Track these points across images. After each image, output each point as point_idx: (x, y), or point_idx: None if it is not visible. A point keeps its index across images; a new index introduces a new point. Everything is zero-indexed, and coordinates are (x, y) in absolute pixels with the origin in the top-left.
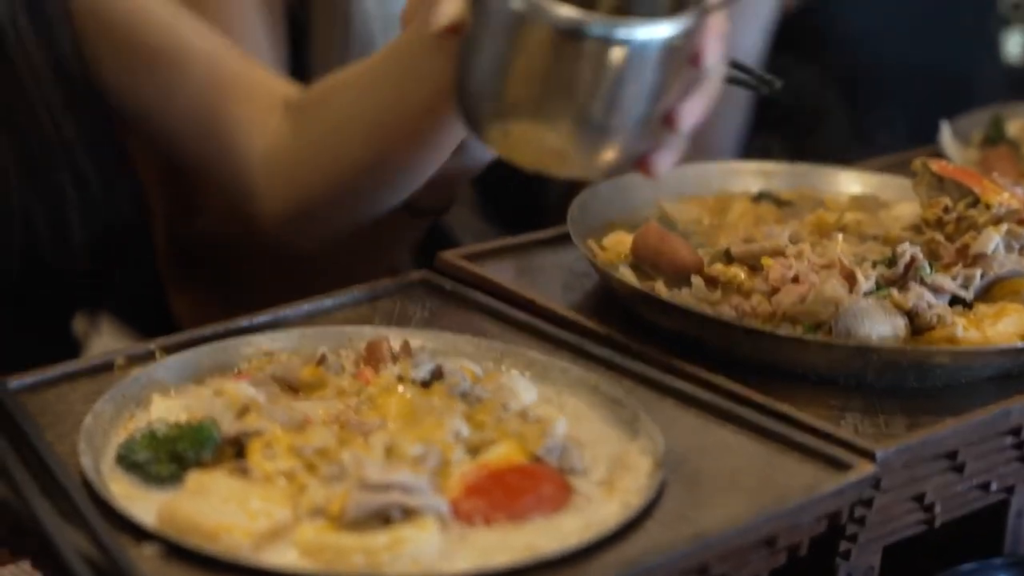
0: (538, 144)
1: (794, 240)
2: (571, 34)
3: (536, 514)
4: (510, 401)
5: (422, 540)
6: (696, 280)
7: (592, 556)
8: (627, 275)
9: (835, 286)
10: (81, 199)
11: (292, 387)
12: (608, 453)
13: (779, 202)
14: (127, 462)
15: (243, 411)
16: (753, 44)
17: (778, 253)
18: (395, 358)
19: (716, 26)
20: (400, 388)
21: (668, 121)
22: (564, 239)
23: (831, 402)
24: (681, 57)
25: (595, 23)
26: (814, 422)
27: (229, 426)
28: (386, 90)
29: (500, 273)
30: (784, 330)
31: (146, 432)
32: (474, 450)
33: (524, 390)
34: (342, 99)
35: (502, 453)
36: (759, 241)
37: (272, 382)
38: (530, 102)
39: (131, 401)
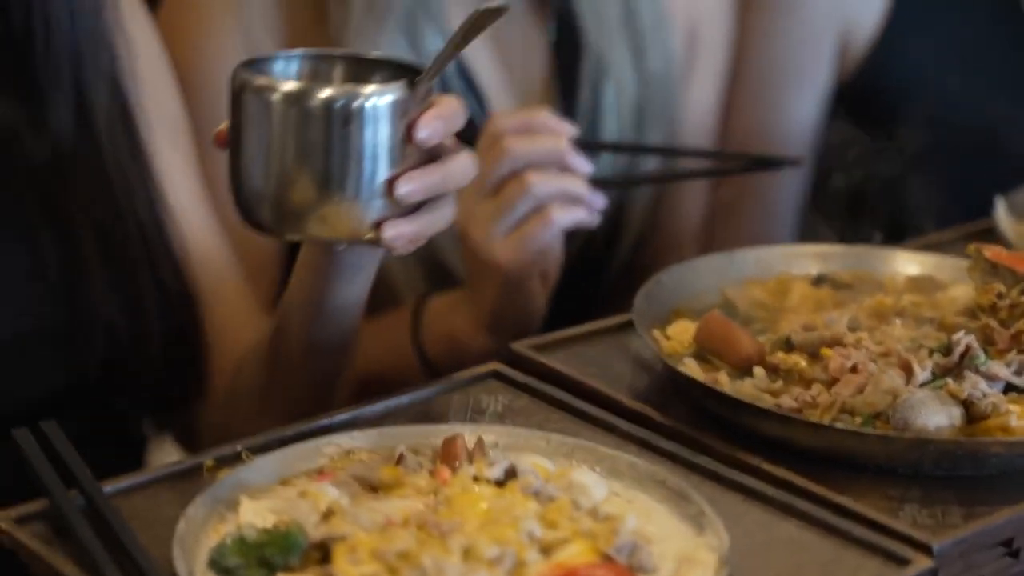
0: (301, 213)
1: (853, 327)
2: (287, 106)
3: None
4: (581, 498)
5: None
6: (758, 371)
7: None
8: (691, 366)
9: (892, 377)
10: (160, 305)
11: (372, 486)
12: (675, 549)
13: (837, 285)
14: (219, 567)
15: (327, 514)
16: (808, 113)
17: (837, 342)
18: (470, 456)
19: (440, 106)
20: (476, 488)
21: (389, 190)
22: (630, 327)
23: (890, 492)
24: (392, 126)
25: (308, 93)
26: (874, 515)
27: (314, 529)
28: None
29: (569, 362)
30: (843, 422)
31: (236, 537)
32: (547, 549)
33: (594, 486)
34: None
35: (574, 552)
36: (819, 328)
37: (353, 482)
38: (279, 180)
39: (221, 504)
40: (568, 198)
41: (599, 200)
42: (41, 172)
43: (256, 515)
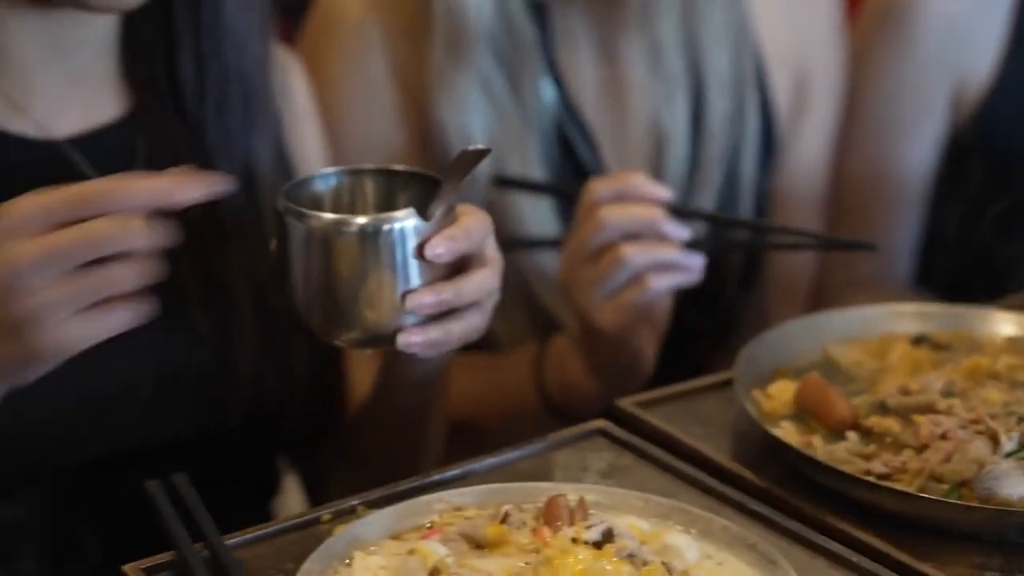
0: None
1: (947, 391)
2: (311, 232)
3: None
4: (674, 561)
5: None
6: (851, 435)
7: None
8: (787, 429)
9: (979, 446)
10: (309, 359)
11: (477, 543)
12: None
13: (936, 345)
14: None
15: (433, 572)
16: (921, 160)
17: (930, 408)
18: (571, 516)
19: (455, 226)
20: (574, 549)
21: (404, 303)
22: (731, 385)
23: (973, 559)
24: (400, 249)
25: (326, 220)
26: None
27: None
28: None
29: (672, 420)
30: (930, 489)
31: None
32: None
33: (687, 548)
34: None
35: None
36: (914, 391)
37: (460, 539)
38: (315, 295)
39: (335, 559)
40: (664, 265)
41: (696, 261)
42: (200, 227)
43: (368, 571)
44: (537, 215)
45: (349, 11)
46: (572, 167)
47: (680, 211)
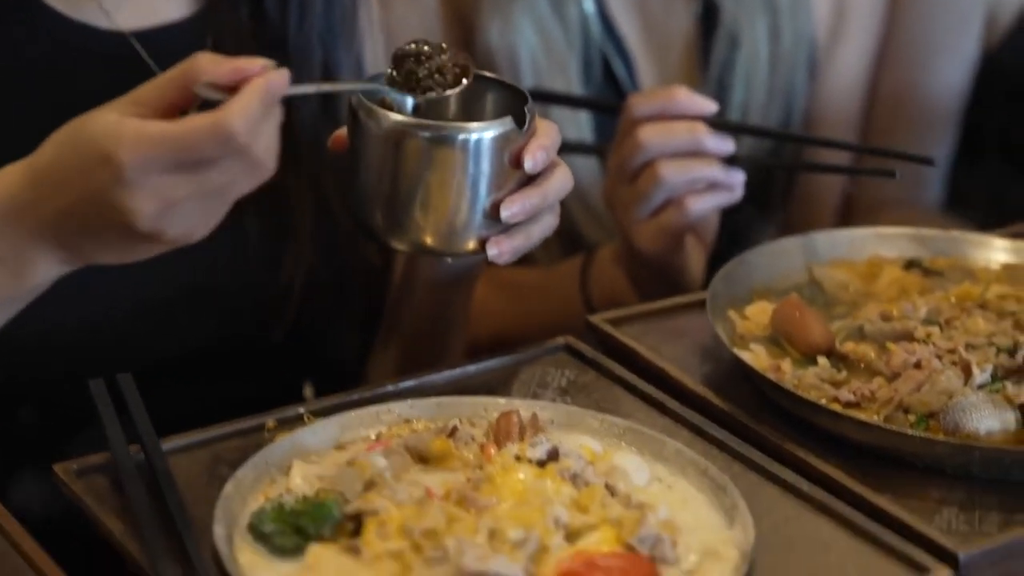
0: (410, 230)
1: (929, 319)
2: (400, 138)
3: None
4: (619, 483)
5: None
6: (822, 361)
7: None
8: (757, 352)
9: (950, 377)
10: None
11: (422, 457)
12: (703, 541)
13: (928, 271)
14: (256, 532)
15: (369, 485)
16: (955, 80)
17: (907, 336)
18: (521, 433)
19: (541, 134)
20: (517, 467)
21: (495, 212)
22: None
23: (933, 493)
24: (497, 159)
25: (420, 127)
26: (907, 518)
27: (354, 498)
28: None
29: (644, 338)
30: (897, 419)
31: (275, 504)
32: (574, 535)
33: (636, 471)
34: None
35: (598, 540)
36: (896, 317)
37: (404, 452)
38: (391, 199)
39: (273, 467)
40: (704, 184)
41: (738, 177)
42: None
43: (305, 480)
44: (576, 131)
45: None
46: (612, 86)
47: (725, 125)
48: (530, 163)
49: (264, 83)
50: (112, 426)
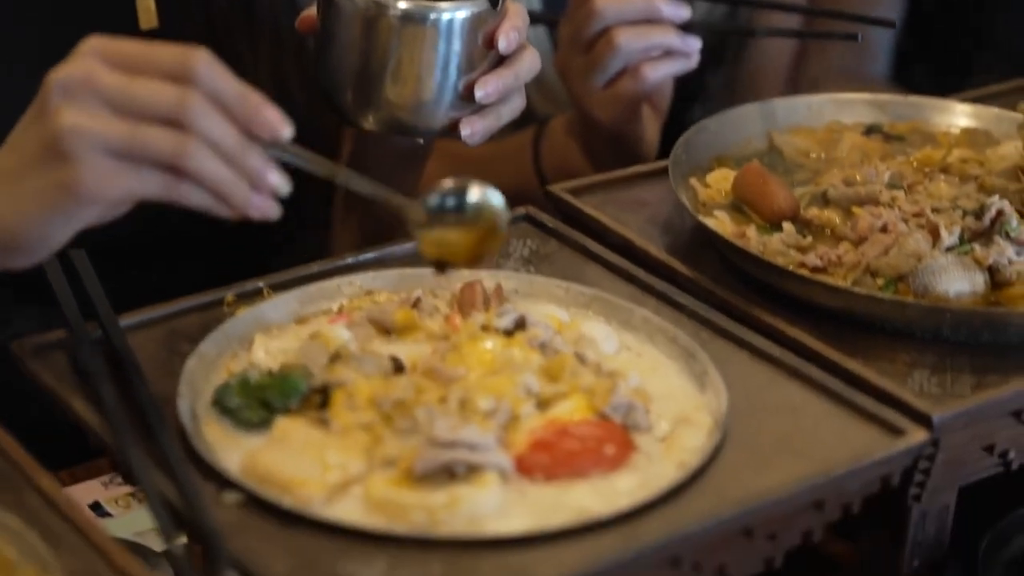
0: (382, 108)
1: (894, 182)
2: (374, 17)
3: (596, 472)
4: (587, 352)
5: (479, 499)
6: (787, 227)
7: (641, 518)
8: (722, 218)
9: (918, 240)
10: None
11: (386, 329)
12: (675, 408)
13: (889, 136)
14: (221, 406)
15: (334, 357)
16: None
17: (872, 200)
18: (486, 302)
19: (513, 15)
20: (484, 337)
21: (467, 92)
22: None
23: (903, 356)
24: (470, 39)
25: (394, 7)
26: (879, 381)
27: (319, 371)
28: None
29: (605, 207)
30: (865, 283)
31: (240, 378)
32: (545, 404)
33: (605, 339)
34: None
35: (570, 408)
36: (860, 182)
37: (368, 324)
38: (365, 78)
39: (235, 341)
40: (660, 51)
41: (693, 44)
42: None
43: (267, 354)
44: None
45: None
46: None
47: None
48: (504, 43)
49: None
50: (68, 302)
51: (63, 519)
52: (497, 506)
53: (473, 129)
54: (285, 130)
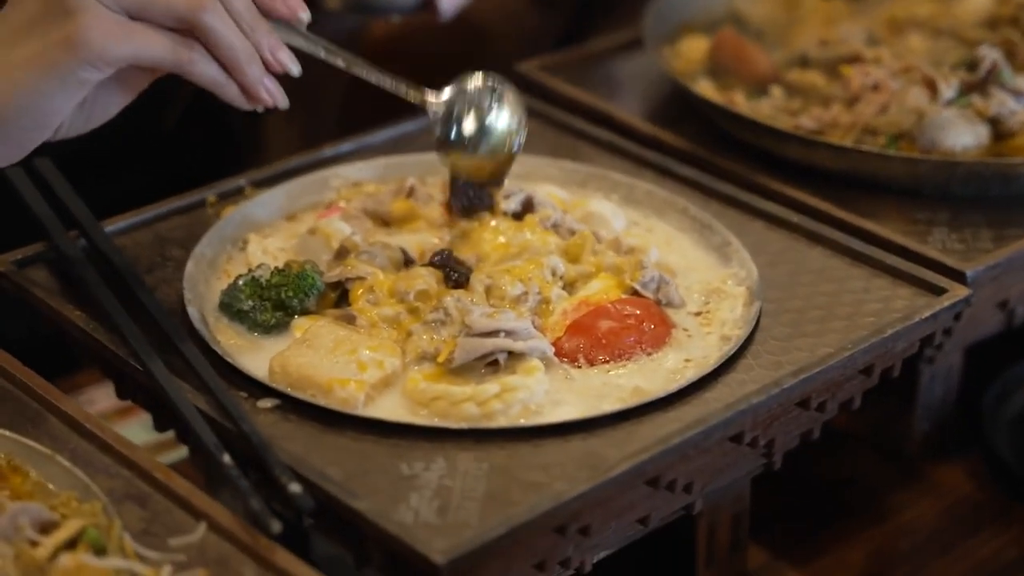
0: None
1: (871, 41)
2: None
3: (638, 351)
4: (601, 230)
5: (531, 386)
6: (775, 90)
7: (695, 394)
8: (705, 87)
9: (917, 95)
10: None
11: (384, 220)
12: (701, 281)
13: None
14: (231, 310)
15: (342, 252)
16: None
17: (856, 58)
18: None
19: None
20: (492, 222)
21: None
22: (639, 45)
23: (916, 216)
24: None
25: None
26: (903, 240)
27: (328, 267)
28: None
29: (577, 84)
30: (865, 142)
31: (249, 280)
32: (571, 285)
33: (613, 216)
34: None
35: (600, 288)
36: (834, 43)
37: (364, 216)
38: None
39: (227, 242)
40: None
41: None
42: None
43: (265, 253)
44: None
45: None
46: None
47: None
48: None
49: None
50: (43, 211)
51: (91, 440)
52: (546, 393)
53: (450, 1)
54: (304, 13)
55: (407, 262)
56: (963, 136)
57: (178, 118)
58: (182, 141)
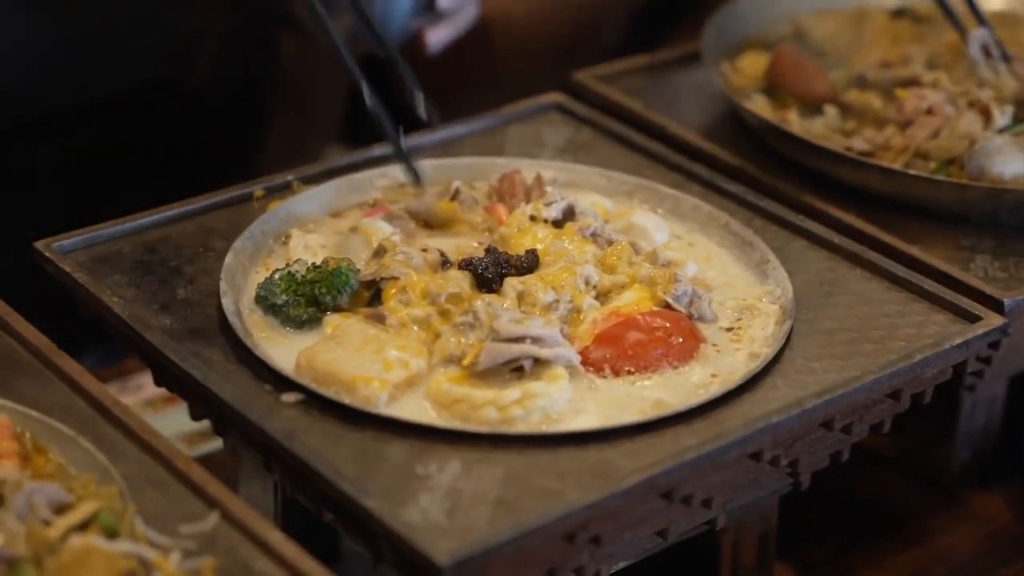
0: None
1: (931, 65)
2: None
3: (664, 364)
4: (641, 242)
5: (552, 394)
6: (829, 110)
7: (716, 410)
8: (760, 104)
9: (970, 121)
10: None
11: (427, 222)
12: (736, 297)
13: (917, 18)
14: (266, 304)
15: (379, 251)
16: None
17: (913, 82)
18: (527, 193)
19: None
20: (532, 228)
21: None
22: (698, 57)
23: (962, 241)
24: None
25: None
26: (944, 267)
27: (365, 266)
28: None
29: (634, 95)
30: (915, 167)
31: (284, 274)
32: (604, 295)
33: (655, 229)
34: None
35: (632, 300)
36: (895, 65)
37: (407, 217)
38: None
39: (270, 237)
40: None
41: None
42: None
43: (306, 249)
44: None
45: None
46: None
47: None
48: None
49: None
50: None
51: (116, 425)
52: (568, 402)
53: (439, 37)
54: None
55: (444, 264)
56: (1012, 164)
57: (205, 76)
58: (206, 101)
